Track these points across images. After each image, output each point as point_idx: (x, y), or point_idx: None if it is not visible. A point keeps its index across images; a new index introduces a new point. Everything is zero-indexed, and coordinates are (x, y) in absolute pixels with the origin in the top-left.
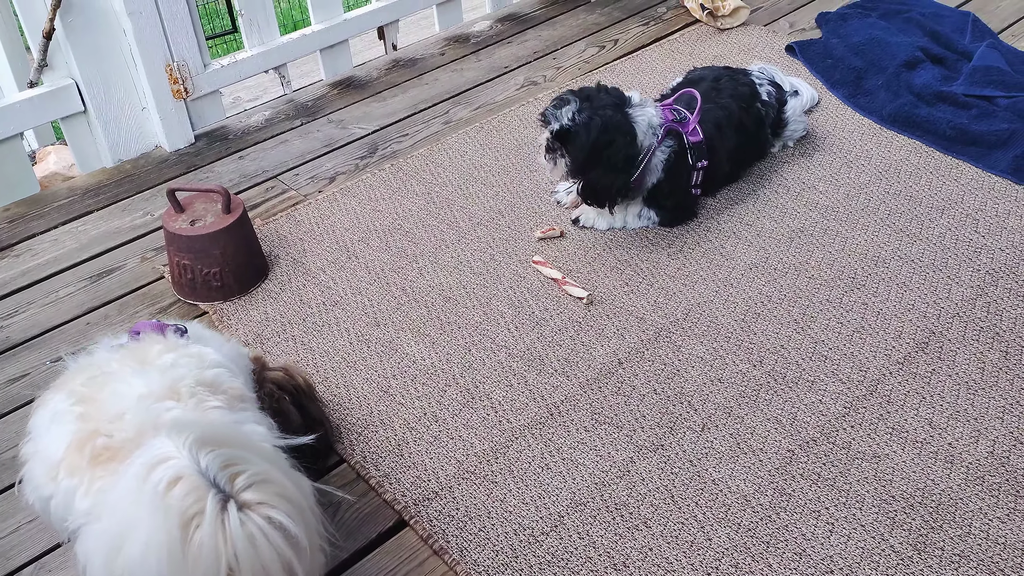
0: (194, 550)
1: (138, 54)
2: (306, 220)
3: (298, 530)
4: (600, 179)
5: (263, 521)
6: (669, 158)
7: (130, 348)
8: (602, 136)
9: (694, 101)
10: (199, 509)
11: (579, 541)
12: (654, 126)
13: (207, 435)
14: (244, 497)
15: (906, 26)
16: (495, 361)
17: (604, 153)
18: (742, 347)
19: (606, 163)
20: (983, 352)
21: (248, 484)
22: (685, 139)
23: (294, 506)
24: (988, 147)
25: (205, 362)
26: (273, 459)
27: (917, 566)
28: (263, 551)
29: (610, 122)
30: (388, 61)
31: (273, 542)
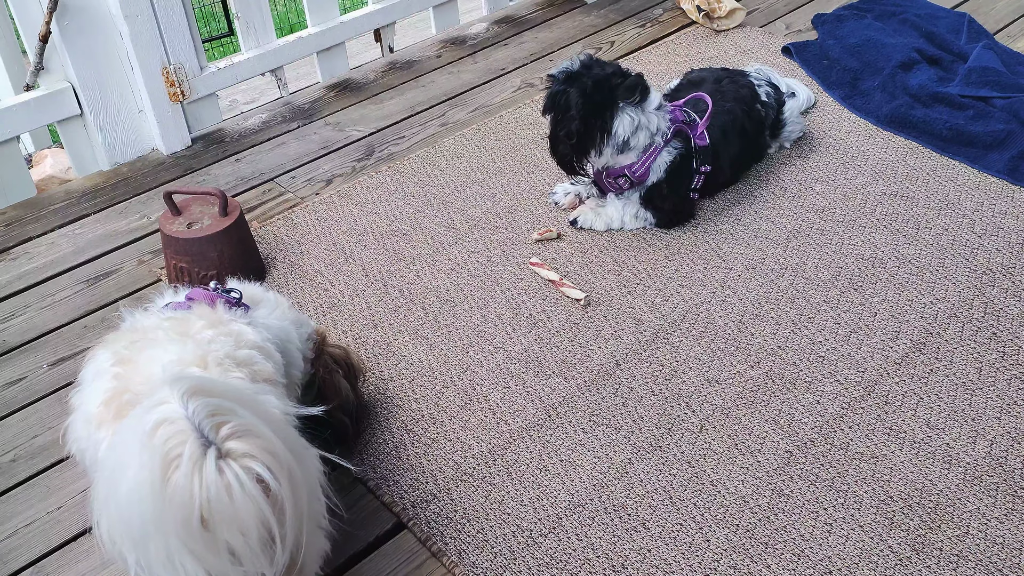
0: (171, 490)
1: (134, 57)
2: (303, 223)
3: (282, 488)
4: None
5: (241, 471)
6: (674, 160)
7: (176, 319)
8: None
9: (703, 104)
10: (180, 452)
11: (577, 543)
12: (657, 130)
13: (202, 386)
14: (227, 446)
15: (902, 27)
16: (493, 363)
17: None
18: (740, 348)
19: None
20: (980, 352)
21: (232, 434)
22: (693, 142)
23: (280, 464)
24: (984, 148)
25: (241, 341)
26: (276, 424)
27: (915, 566)
28: (237, 500)
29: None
30: (385, 63)
31: (249, 493)
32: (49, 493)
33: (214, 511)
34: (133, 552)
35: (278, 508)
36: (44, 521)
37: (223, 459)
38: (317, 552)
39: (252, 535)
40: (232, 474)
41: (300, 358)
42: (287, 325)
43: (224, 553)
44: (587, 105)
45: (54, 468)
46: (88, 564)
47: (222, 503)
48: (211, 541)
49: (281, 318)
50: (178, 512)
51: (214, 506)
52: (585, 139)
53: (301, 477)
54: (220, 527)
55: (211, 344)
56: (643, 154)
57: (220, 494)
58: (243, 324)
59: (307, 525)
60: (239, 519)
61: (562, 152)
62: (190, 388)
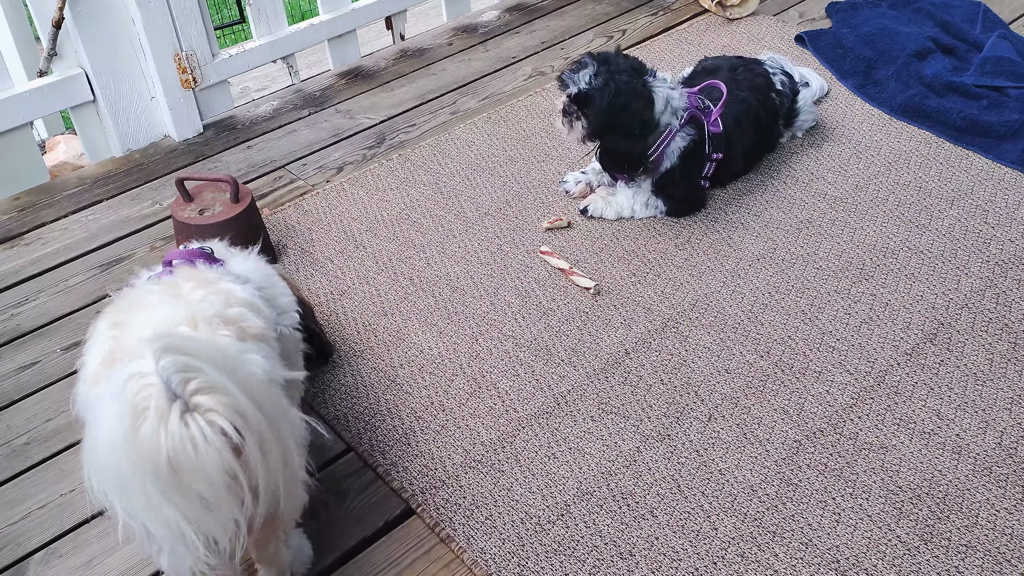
0: (139, 441)
1: (147, 44)
2: (314, 210)
3: (248, 443)
4: (617, 144)
5: (205, 424)
6: (688, 146)
7: (166, 283)
8: (617, 100)
9: (717, 92)
10: (148, 404)
11: (585, 530)
12: (676, 107)
13: (176, 344)
14: (194, 400)
15: (916, 16)
16: (502, 351)
17: (619, 118)
18: (749, 338)
19: (622, 128)
20: (992, 343)
21: (198, 389)
22: (706, 129)
23: (246, 420)
24: (998, 138)
25: (232, 299)
26: (252, 384)
27: (924, 556)
28: (201, 452)
29: (626, 87)
30: (396, 51)
31: (212, 445)
32: (62, 476)
33: (178, 461)
34: (118, 500)
35: (244, 461)
36: (57, 503)
37: (189, 413)
38: (296, 504)
39: (218, 484)
40: (196, 427)
41: (286, 287)
42: (263, 265)
43: (196, 500)
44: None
45: (67, 451)
46: (100, 546)
47: (187, 454)
48: (182, 488)
49: (255, 261)
50: (148, 462)
51: (178, 456)
52: (649, 118)
53: (271, 434)
54: (186, 476)
55: (202, 304)
56: (659, 137)
57: (184, 445)
58: (231, 283)
59: (283, 478)
60: (204, 470)
61: (636, 152)
62: (163, 346)
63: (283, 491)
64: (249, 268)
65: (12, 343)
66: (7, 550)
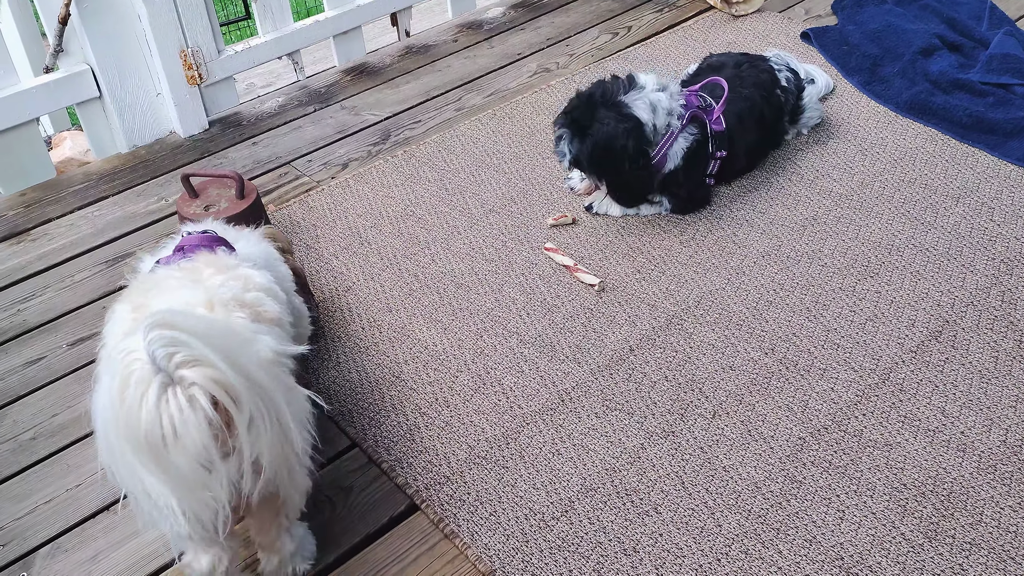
0: (124, 410)
1: (152, 40)
2: (319, 206)
3: (239, 419)
4: (619, 185)
5: (184, 399)
6: (691, 146)
7: (186, 268)
8: (601, 152)
9: (719, 90)
10: (132, 376)
11: (589, 526)
12: (669, 108)
13: (167, 320)
14: (178, 374)
15: (922, 13)
16: (507, 347)
17: (612, 163)
18: (754, 335)
19: (619, 168)
20: (997, 341)
21: (182, 363)
22: (709, 127)
23: (237, 397)
24: (1005, 135)
25: (250, 284)
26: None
27: (928, 554)
28: (179, 427)
29: (604, 137)
30: (401, 48)
31: (190, 420)
32: (68, 471)
33: (155, 433)
34: (115, 467)
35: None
36: (63, 499)
37: (172, 386)
38: (297, 487)
39: (195, 459)
40: (175, 400)
41: (285, 266)
42: (265, 246)
43: (175, 473)
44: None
45: (73, 446)
46: (106, 541)
47: (164, 425)
48: (161, 461)
49: (257, 242)
50: (130, 432)
51: (154, 428)
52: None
53: (267, 411)
54: (162, 447)
55: (220, 288)
56: (661, 139)
57: (163, 418)
58: (250, 268)
59: (283, 456)
60: (181, 442)
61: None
62: (154, 321)
63: (282, 469)
64: (254, 250)
65: (18, 339)
66: (13, 544)
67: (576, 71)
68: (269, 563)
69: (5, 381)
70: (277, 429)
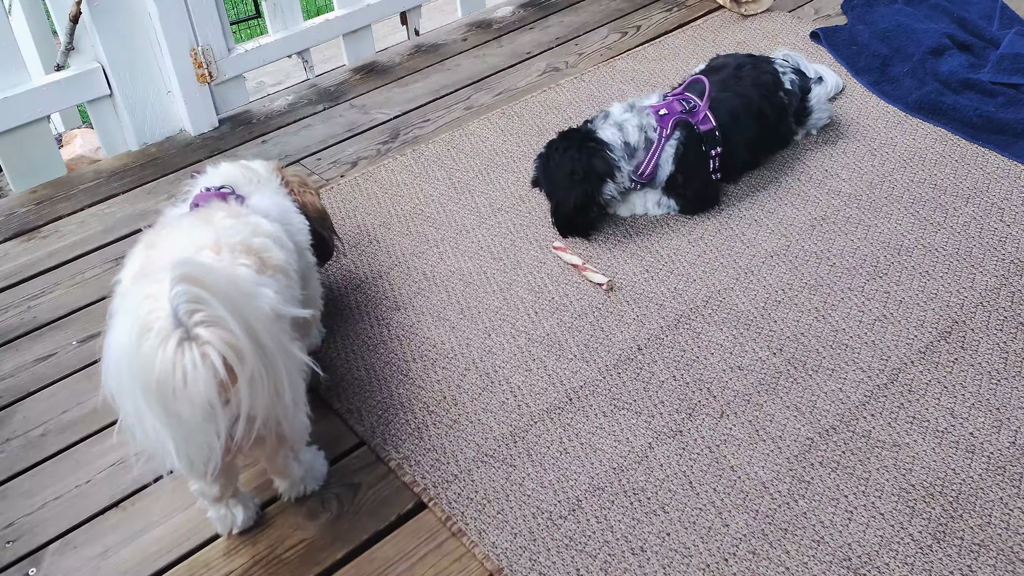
0: (140, 355)
1: (163, 38)
2: (328, 204)
3: (241, 378)
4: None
5: (198, 355)
6: (678, 150)
7: (199, 212)
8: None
9: (700, 85)
10: (153, 325)
11: (597, 525)
12: (641, 125)
13: (193, 274)
14: (195, 331)
15: (933, 12)
16: (515, 346)
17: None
18: (762, 334)
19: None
20: (1006, 342)
21: (202, 321)
22: (696, 128)
23: (242, 358)
24: (1015, 135)
25: (259, 231)
26: (257, 321)
27: (936, 555)
28: (189, 380)
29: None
30: (410, 46)
31: (199, 375)
32: (78, 467)
33: (166, 382)
34: (118, 399)
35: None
36: (73, 495)
37: (188, 341)
38: (300, 428)
39: (198, 410)
40: (190, 356)
41: (300, 217)
42: (280, 199)
43: (177, 419)
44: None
45: (83, 442)
46: (115, 537)
47: (176, 377)
48: (167, 406)
49: (272, 194)
50: (143, 375)
51: (166, 377)
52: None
53: (265, 369)
54: (172, 396)
55: (229, 231)
56: (647, 153)
57: (176, 369)
58: (261, 217)
59: (278, 408)
60: (188, 394)
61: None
62: (181, 274)
63: (279, 418)
64: (267, 204)
65: (29, 335)
66: (23, 540)
67: (585, 70)
68: (281, 485)
69: (16, 378)
70: (272, 387)
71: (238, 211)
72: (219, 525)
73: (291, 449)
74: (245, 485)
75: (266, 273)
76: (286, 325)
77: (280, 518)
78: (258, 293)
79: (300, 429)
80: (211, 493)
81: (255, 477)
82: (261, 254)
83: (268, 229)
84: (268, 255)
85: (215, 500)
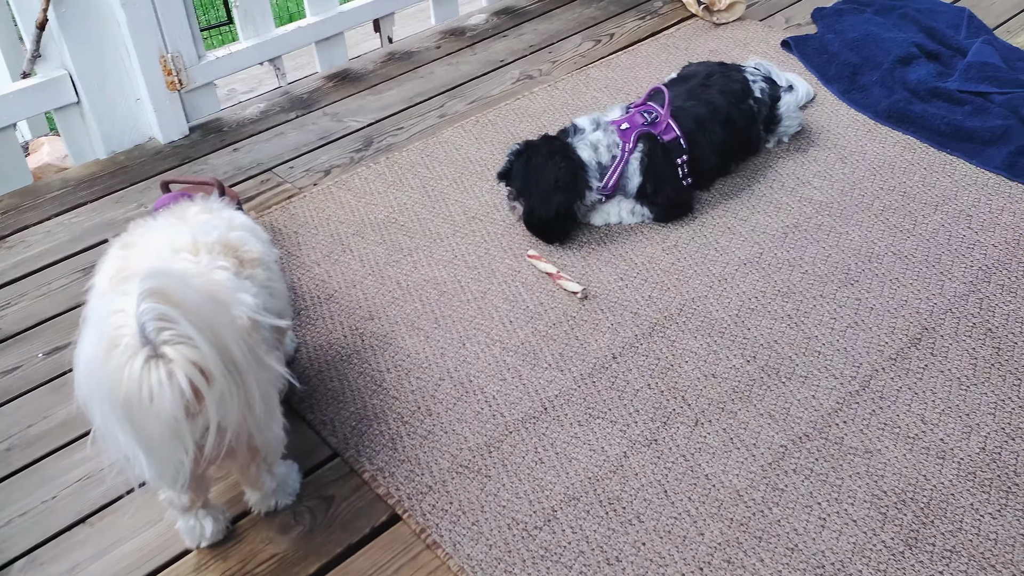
0: (108, 369)
1: (132, 45)
2: (301, 213)
3: (209, 398)
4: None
5: (164, 375)
6: (643, 161)
7: (173, 208)
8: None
9: (661, 95)
10: (120, 341)
11: (572, 535)
12: (609, 143)
13: (162, 289)
14: (162, 350)
15: (901, 22)
16: (489, 355)
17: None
18: (736, 342)
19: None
20: (975, 348)
21: (168, 340)
22: (659, 139)
23: (211, 377)
24: (982, 143)
25: (234, 223)
26: (227, 335)
27: (908, 561)
28: (155, 400)
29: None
30: (384, 54)
31: (165, 396)
32: (44, 482)
33: (134, 399)
34: (90, 410)
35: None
36: (39, 510)
37: (155, 359)
38: (274, 442)
39: (165, 428)
40: (156, 375)
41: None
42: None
43: (144, 435)
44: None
45: (49, 457)
46: (83, 553)
47: (141, 396)
48: (134, 422)
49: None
50: (110, 390)
51: (132, 396)
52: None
53: (236, 387)
54: (138, 414)
55: (205, 225)
56: (609, 169)
57: (141, 388)
58: (233, 209)
59: (250, 424)
60: (155, 410)
61: (559, 203)
62: (149, 288)
63: (251, 431)
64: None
65: None
66: None
67: (559, 78)
68: (252, 496)
69: None
70: (243, 402)
71: (211, 205)
72: (188, 537)
73: (264, 461)
74: (217, 498)
75: (244, 272)
76: (265, 333)
77: (252, 532)
78: (235, 302)
79: (275, 442)
80: (181, 503)
81: (227, 490)
82: (239, 250)
83: (243, 220)
84: (246, 249)
85: (185, 510)
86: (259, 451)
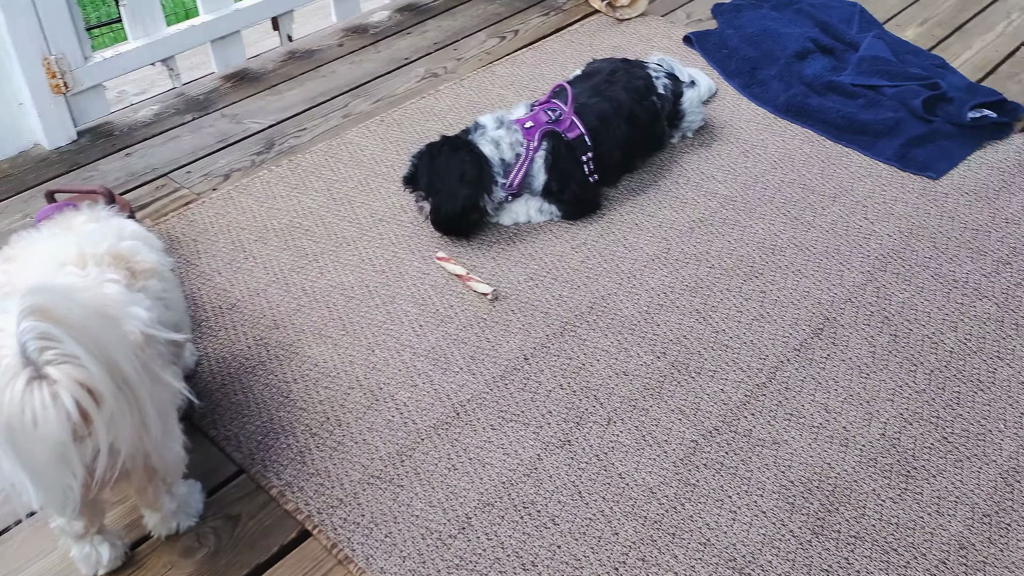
0: None
1: (11, 46)
2: (200, 220)
3: (98, 419)
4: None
5: (48, 397)
6: (547, 159)
7: (58, 219)
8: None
9: (565, 93)
10: (1, 363)
11: (487, 542)
12: (512, 142)
13: (44, 306)
14: (46, 370)
15: (797, 17)
16: (399, 361)
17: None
18: (646, 338)
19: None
20: (873, 336)
21: (52, 360)
22: (563, 136)
23: (100, 397)
24: (875, 135)
25: (124, 232)
26: (116, 352)
27: (815, 549)
28: (39, 422)
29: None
30: (283, 53)
31: (50, 418)
32: None
33: (16, 423)
34: None
35: (89, 429)
36: None
37: (38, 380)
38: (174, 461)
39: (51, 451)
40: (39, 396)
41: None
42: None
43: (29, 460)
44: (451, 148)
45: None
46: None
47: (24, 419)
48: (18, 447)
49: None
50: None
51: (16, 419)
52: (482, 167)
53: (128, 406)
54: (22, 438)
55: (93, 235)
56: (514, 167)
57: (24, 411)
58: (124, 218)
59: (145, 444)
60: (40, 435)
61: (466, 197)
62: (31, 306)
63: (138, 455)
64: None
65: None
66: None
67: (464, 75)
68: (151, 519)
69: None
70: (138, 422)
71: (99, 214)
72: (83, 566)
73: (164, 482)
74: (114, 522)
75: (137, 284)
76: (161, 348)
77: (153, 557)
78: (126, 316)
79: (174, 461)
80: (74, 530)
81: (125, 514)
82: (130, 261)
83: (134, 229)
84: (138, 260)
85: (79, 538)
86: (157, 472)
